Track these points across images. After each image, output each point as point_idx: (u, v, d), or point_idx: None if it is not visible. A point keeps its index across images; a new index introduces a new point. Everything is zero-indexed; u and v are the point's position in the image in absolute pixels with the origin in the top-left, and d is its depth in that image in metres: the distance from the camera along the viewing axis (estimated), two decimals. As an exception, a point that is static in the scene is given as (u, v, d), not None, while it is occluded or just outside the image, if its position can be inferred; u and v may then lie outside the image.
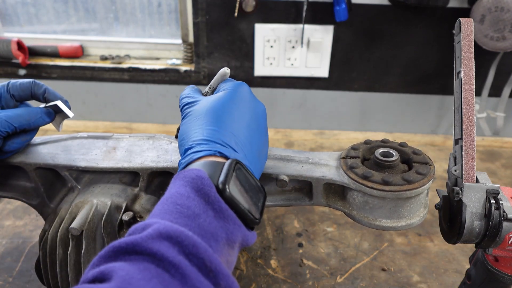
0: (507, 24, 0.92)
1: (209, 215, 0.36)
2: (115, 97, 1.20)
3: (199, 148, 0.41)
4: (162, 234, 0.32)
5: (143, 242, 0.31)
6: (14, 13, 1.18)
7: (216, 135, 0.42)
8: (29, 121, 0.53)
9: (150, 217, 0.36)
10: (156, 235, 0.32)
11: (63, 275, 0.55)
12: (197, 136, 0.43)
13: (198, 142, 0.42)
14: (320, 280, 0.70)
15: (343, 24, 1.06)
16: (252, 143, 0.46)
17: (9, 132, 0.51)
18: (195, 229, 0.34)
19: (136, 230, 0.34)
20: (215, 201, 0.36)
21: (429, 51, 1.10)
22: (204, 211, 0.36)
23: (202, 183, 0.37)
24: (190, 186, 0.37)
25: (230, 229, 0.36)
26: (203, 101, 0.47)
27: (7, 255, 0.72)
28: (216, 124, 0.43)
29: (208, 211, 0.36)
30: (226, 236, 0.36)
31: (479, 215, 0.46)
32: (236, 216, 0.37)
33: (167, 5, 1.16)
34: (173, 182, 0.39)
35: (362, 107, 1.20)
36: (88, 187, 0.57)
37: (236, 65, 1.13)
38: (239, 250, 0.39)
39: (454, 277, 0.71)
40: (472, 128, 0.47)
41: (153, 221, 0.34)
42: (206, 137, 0.42)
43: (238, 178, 0.39)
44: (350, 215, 0.52)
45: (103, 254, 0.32)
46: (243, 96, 0.48)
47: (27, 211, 0.83)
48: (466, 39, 0.49)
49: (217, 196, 0.37)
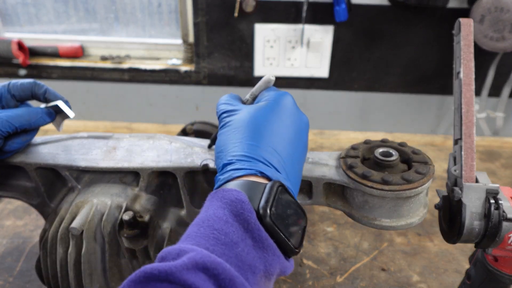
0: (506, 25, 0.92)
1: (248, 244, 0.34)
2: (115, 97, 1.20)
3: (240, 166, 0.39)
4: (198, 265, 0.30)
5: (177, 272, 0.29)
6: (14, 13, 1.18)
7: (257, 151, 0.40)
8: (30, 121, 0.53)
9: (184, 238, 0.34)
10: (192, 265, 0.30)
11: (63, 274, 0.55)
12: (237, 150, 0.40)
13: (238, 158, 0.39)
14: (320, 280, 0.70)
15: (343, 24, 1.06)
16: (294, 161, 0.43)
17: (10, 132, 0.51)
18: (233, 259, 0.32)
19: (169, 254, 0.32)
20: (255, 229, 0.34)
21: (429, 51, 1.10)
22: (242, 239, 0.34)
23: (242, 208, 0.34)
24: (228, 209, 0.35)
25: (269, 260, 0.34)
26: (244, 111, 0.44)
27: (8, 255, 0.72)
28: (257, 138, 0.41)
29: (247, 239, 0.34)
30: (264, 268, 0.34)
31: (478, 215, 0.46)
32: (276, 246, 0.35)
33: (167, 5, 1.16)
34: (210, 201, 0.37)
35: (362, 107, 1.20)
36: (88, 187, 0.57)
37: (236, 65, 1.13)
38: (275, 280, 0.37)
39: (454, 277, 0.71)
40: (472, 128, 0.47)
41: (188, 248, 0.32)
42: (247, 153, 0.40)
43: (279, 202, 0.36)
44: (350, 215, 0.53)
45: (133, 278, 0.30)
46: (287, 108, 0.45)
47: (27, 211, 0.83)
48: (465, 39, 0.49)
49: (257, 223, 0.34)
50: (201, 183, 0.58)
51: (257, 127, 0.42)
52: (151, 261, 0.54)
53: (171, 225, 0.55)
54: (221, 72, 1.15)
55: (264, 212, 0.35)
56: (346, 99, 1.18)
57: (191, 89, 1.18)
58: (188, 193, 0.56)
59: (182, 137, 0.59)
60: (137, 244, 0.52)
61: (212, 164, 0.53)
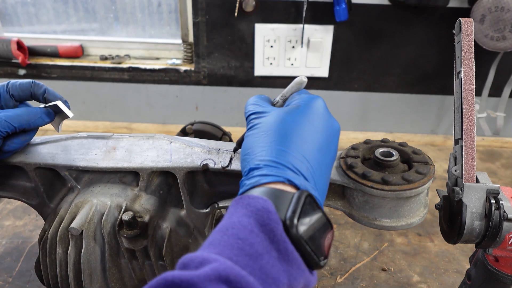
0: (507, 24, 0.92)
1: (273, 256, 0.33)
2: (115, 97, 1.20)
3: (268, 172, 0.37)
4: (221, 277, 0.29)
5: (200, 282, 0.29)
6: (14, 13, 1.18)
7: (286, 157, 0.38)
8: (29, 121, 0.53)
9: (207, 245, 0.33)
10: (215, 277, 0.29)
11: (63, 275, 0.55)
12: (265, 155, 0.39)
13: (266, 163, 0.38)
14: (320, 280, 0.69)
15: (343, 24, 1.06)
16: (323, 169, 0.41)
17: (9, 132, 0.51)
18: (257, 272, 0.31)
19: (191, 262, 0.31)
20: (281, 241, 0.33)
21: (429, 51, 1.10)
22: (267, 250, 0.33)
23: (269, 218, 0.33)
24: (254, 218, 0.33)
25: (293, 274, 0.33)
26: (273, 114, 0.43)
27: (7, 255, 0.72)
28: (286, 143, 0.39)
29: (272, 251, 0.33)
30: (288, 281, 0.33)
31: (479, 215, 0.46)
32: (301, 260, 0.34)
33: (167, 5, 1.16)
34: (234, 207, 0.35)
35: (362, 107, 1.20)
36: (88, 187, 0.57)
37: (236, 65, 1.13)
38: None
39: (454, 277, 0.71)
40: (472, 128, 0.47)
41: (212, 257, 0.31)
42: (275, 159, 0.38)
43: (307, 213, 0.35)
44: (350, 215, 0.52)
45: (154, 285, 0.29)
46: (318, 113, 0.44)
47: (27, 211, 0.83)
48: (466, 39, 0.49)
49: (284, 235, 0.33)
50: (201, 183, 0.57)
51: (287, 132, 0.40)
52: (150, 262, 0.54)
53: (171, 225, 0.55)
54: (221, 72, 1.14)
55: (291, 224, 0.34)
56: (346, 99, 1.18)
57: (191, 89, 1.18)
58: (188, 193, 0.55)
59: (182, 137, 0.59)
60: (136, 244, 0.52)
61: (212, 164, 0.53)
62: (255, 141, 0.41)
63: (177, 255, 0.55)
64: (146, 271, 0.55)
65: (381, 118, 1.22)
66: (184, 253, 0.55)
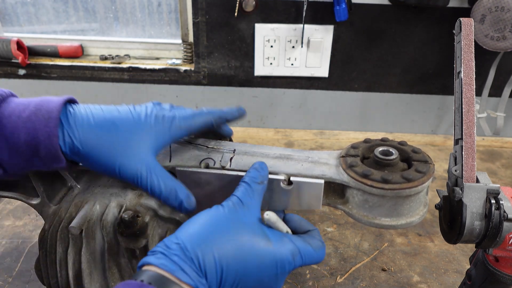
0: (507, 24, 0.92)
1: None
2: (115, 97, 1.20)
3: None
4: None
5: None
6: (14, 13, 1.18)
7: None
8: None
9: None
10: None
11: (63, 274, 0.55)
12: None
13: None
14: (320, 280, 0.69)
15: (343, 24, 1.06)
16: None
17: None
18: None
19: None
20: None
21: (429, 51, 1.10)
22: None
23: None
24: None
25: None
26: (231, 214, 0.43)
27: (7, 255, 0.72)
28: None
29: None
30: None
31: (479, 215, 0.46)
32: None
33: (167, 5, 1.16)
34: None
35: (362, 107, 1.20)
36: (88, 187, 0.57)
37: (236, 65, 1.13)
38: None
39: (454, 277, 0.71)
40: (472, 128, 0.47)
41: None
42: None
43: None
44: (349, 214, 0.52)
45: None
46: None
47: (26, 211, 0.83)
48: (466, 39, 0.49)
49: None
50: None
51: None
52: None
53: (171, 224, 0.55)
54: (221, 72, 1.14)
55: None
56: (346, 99, 1.18)
57: (191, 89, 1.18)
58: (188, 192, 0.55)
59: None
60: (136, 243, 0.52)
61: (212, 164, 0.53)
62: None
63: (177, 254, 0.55)
64: (146, 271, 0.55)
65: (381, 118, 1.22)
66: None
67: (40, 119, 0.43)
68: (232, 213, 0.42)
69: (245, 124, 1.24)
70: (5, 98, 0.45)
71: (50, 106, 0.44)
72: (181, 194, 0.48)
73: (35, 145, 0.43)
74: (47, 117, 0.43)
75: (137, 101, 1.25)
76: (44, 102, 0.44)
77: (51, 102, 0.44)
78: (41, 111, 0.43)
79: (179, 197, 0.48)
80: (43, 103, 0.44)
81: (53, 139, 0.43)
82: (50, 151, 0.44)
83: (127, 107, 0.49)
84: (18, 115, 0.43)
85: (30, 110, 0.43)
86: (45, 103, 0.44)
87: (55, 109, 0.44)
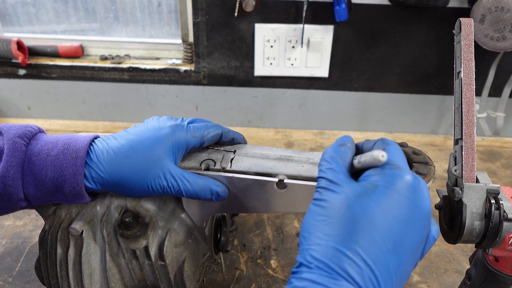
0: (507, 24, 0.92)
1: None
2: (115, 97, 1.20)
3: (318, 279, 0.32)
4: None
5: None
6: (14, 13, 1.18)
7: (342, 262, 0.32)
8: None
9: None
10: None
11: (63, 275, 0.55)
12: (320, 251, 0.33)
13: (318, 264, 0.33)
14: (320, 280, 0.69)
15: (343, 24, 1.06)
16: (394, 275, 0.34)
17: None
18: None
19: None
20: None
21: (429, 51, 1.10)
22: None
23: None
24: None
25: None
26: (343, 194, 0.36)
27: (7, 255, 0.72)
28: (347, 242, 0.33)
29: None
30: None
31: (479, 215, 0.46)
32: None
33: (167, 5, 1.16)
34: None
35: (362, 107, 1.20)
36: (88, 187, 0.57)
37: (236, 65, 1.13)
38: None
39: (454, 277, 0.71)
40: (472, 128, 0.47)
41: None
42: (329, 262, 0.33)
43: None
44: (350, 215, 0.52)
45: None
46: (400, 200, 0.35)
47: (27, 211, 0.83)
48: (466, 39, 0.49)
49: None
50: (201, 183, 0.57)
51: (352, 226, 0.34)
52: (151, 262, 0.54)
53: (171, 225, 0.55)
54: (221, 72, 1.15)
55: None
56: (346, 99, 1.18)
57: (191, 89, 1.18)
58: (188, 193, 0.55)
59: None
60: (137, 244, 0.52)
61: (213, 165, 0.53)
62: (315, 225, 0.36)
63: (177, 255, 0.55)
64: (146, 271, 0.55)
65: (381, 118, 1.22)
66: (184, 253, 0.56)
67: (67, 158, 0.46)
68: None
69: (245, 124, 1.24)
70: (34, 135, 0.48)
71: (77, 145, 0.47)
72: (215, 187, 0.52)
73: (61, 182, 0.46)
74: (75, 156, 0.46)
75: (137, 101, 1.26)
76: (71, 141, 0.47)
77: (78, 141, 0.47)
78: (68, 150, 0.46)
79: (214, 190, 0.51)
80: (71, 142, 0.47)
81: (79, 177, 0.46)
82: (75, 188, 0.47)
83: (139, 126, 0.53)
84: (47, 153, 0.46)
85: (58, 149, 0.47)
86: (72, 141, 0.47)
87: (82, 149, 0.47)
